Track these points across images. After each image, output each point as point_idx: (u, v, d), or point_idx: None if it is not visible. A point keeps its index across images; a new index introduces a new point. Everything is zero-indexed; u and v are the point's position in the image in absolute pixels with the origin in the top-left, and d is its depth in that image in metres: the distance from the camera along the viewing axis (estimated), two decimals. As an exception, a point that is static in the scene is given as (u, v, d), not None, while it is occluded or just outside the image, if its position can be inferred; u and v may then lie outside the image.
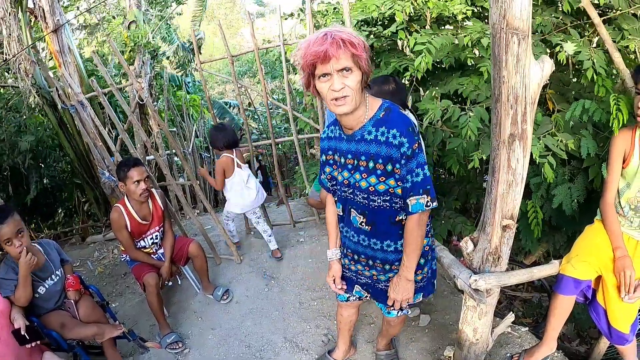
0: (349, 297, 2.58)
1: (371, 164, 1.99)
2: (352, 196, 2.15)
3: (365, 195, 2.08)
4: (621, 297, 2.27)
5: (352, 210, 2.19)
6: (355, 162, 2.05)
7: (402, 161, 1.90)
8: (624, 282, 2.24)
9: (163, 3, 10.62)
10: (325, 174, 2.28)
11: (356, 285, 2.47)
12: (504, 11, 1.77)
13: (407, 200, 1.96)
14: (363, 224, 2.18)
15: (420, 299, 2.33)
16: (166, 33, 11.45)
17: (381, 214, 2.09)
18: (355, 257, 2.32)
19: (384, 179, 1.98)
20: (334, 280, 2.49)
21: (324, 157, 2.25)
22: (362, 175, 2.04)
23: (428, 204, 1.94)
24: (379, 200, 2.05)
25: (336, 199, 2.32)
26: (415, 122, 2.95)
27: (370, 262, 2.27)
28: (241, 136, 13.58)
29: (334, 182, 2.25)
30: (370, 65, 1.87)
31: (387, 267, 2.24)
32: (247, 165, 4.42)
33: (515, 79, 1.85)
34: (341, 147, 2.12)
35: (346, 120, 1.98)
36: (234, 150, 4.29)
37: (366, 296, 2.47)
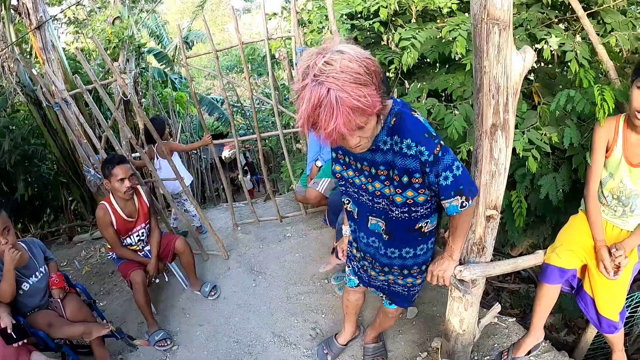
0: (359, 283, 2.61)
1: (390, 173, 1.90)
2: (370, 203, 2.07)
3: (386, 204, 2.01)
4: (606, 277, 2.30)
5: (370, 217, 2.12)
6: (374, 170, 1.94)
7: (426, 169, 1.78)
8: (604, 269, 2.28)
9: None
10: (336, 172, 2.18)
11: (370, 287, 2.51)
12: (484, 1, 1.76)
13: (442, 203, 1.90)
14: (383, 231, 2.12)
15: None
16: (155, 27, 11.38)
17: (400, 224, 2.03)
18: (370, 261, 2.32)
19: (400, 191, 1.91)
20: (343, 251, 2.66)
21: (334, 154, 2.15)
22: (384, 183, 1.94)
23: (463, 205, 1.86)
24: (397, 212, 1.99)
25: (348, 198, 2.24)
26: None
27: (387, 269, 2.26)
28: (228, 132, 13.58)
29: (344, 182, 2.18)
30: (381, 87, 1.59)
31: (406, 272, 2.24)
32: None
33: (497, 69, 1.85)
34: (356, 152, 1.92)
35: None
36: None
37: (381, 296, 2.51)
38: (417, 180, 1.85)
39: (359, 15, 3.75)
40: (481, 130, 1.98)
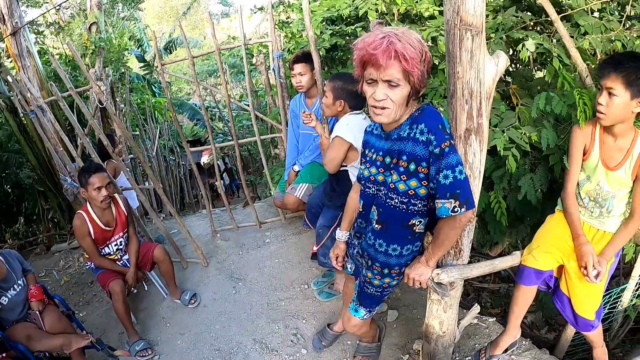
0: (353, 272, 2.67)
1: (396, 161, 1.98)
2: (374, 192, 2.17)
3: (385, 192, 2.07)
4: (587, 280, 2.32)
5: (372, 206, 2.19)
6: (386, 159, 2.05)
7: (431, 159, 1.85)
8: (586, 269, 2.29)
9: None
10: (361, 170, 2.29)
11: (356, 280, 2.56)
12: (457, 7, 1.77)
13: (436, 203, 1.91)
14: (376, 220, 2.17)
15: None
16: (136, 31, 11.29)
17: (395, 215, 2.07)
18: (361, 251, 2.37)
19: (405, 178, 1.96)
20: (337, 257, 2.68)
21: (362, 150, 2.30)
22: (389, 172, 2.02)
23: (455, 210, 1.85)
24: (396, 200, 2.03)
25: (361, 198, 2.31)
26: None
27: (369, 263, 2.29)
28: (206, 138, 13.52)
29: (364, 182, 2.24)
30: (425, 79, 1.85)
31: (386, 271, 2.25)
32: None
33: (470, 74, 1.86)
34: (378, 144, 2.14)
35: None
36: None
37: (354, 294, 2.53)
38: (422, 170, 1.90)
39: (340, 21, 3.77)
40: (455, 135, 1.99)
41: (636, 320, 3.11)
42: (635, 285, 2.90)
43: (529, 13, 3.27)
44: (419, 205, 2.02)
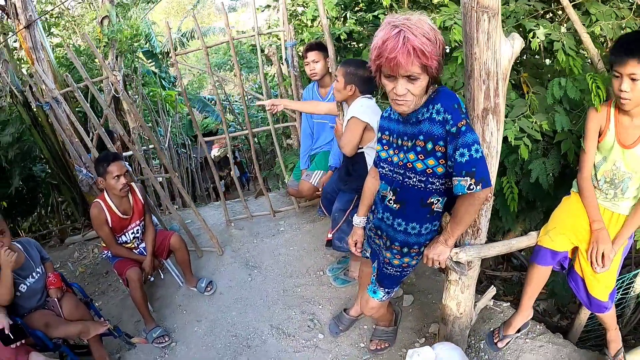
0: (368, 256, 2.70)
1: (413, 142, 2.02)
2: (390, 174, 2.21)
3: (402, 172, 2.12)
4: (593, 268, 2.35)
5: (390, 187, 2.23)
6: (404, 141, 2.09)
7: (448, 138, 1.89)
8: (595, 257, 2.32)
9: None
10: (378, 151, 2.32)
11: (373, 263, 2.59)
12: (474, -10, 1.81)
13: (453, 180, 1.94)
14: (391, 201, 2.21)
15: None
16: (144, 26, 11.34)
17: (414, 193, 2.11)
18: (379, 232, 2.40)
19: (423, 157, 2.01)
20: (356, 243, 2.72)
21: (379, 134, 2.32)
22: (407, 153, 2.07)
23: (471, 187, 1.87)
24: (414, 179, 2.08)
25: (381, 179, 2.35)
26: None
27: (388, 243, 2.32)
28: (217, 129, 13.60)
29: (381, 163, 2.29)
30: (441, 65, 1.89)
31: (406, 250, 2.28)
32: None
33: (487, 55, 1.89)
34: (396, 128, 2.17)
35: None
36: None
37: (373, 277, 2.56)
38: (440, 149, 1.95)
39: (357, 9, 3.78)
40: (473, 115, 2.02)
41: (649, 307, 3.12)
42: (648, 272, 2.91)
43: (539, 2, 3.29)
44: (437, 183, 2.05)
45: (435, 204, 2.12)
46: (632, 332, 3.32)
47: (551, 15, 3.32)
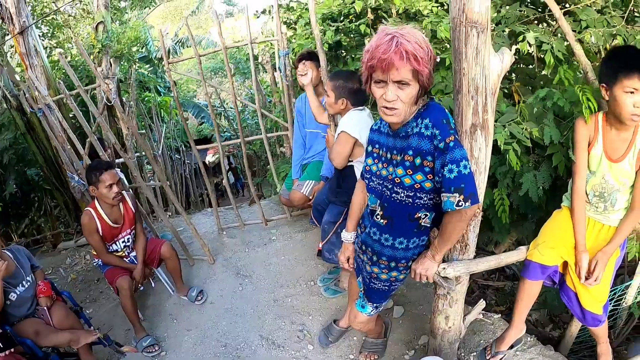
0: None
1: (402, 157, 2.01)
2: (380, 187, 2.19)
3: (390, 186, 2.09)
4: (581, 282, 2.35)
5: (378, 202, 2.22)
6: (393, 156, 2.08)
7: (436, 153, 1.89)
8: (581, 274, 2.33)
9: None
10: (367, 164, 2.30)
11: (358, 277, 2.58)
12: (463, 5, 1.79)
13: (441, 196, 1.94)
14: (379, 216, 2.20)
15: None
16: (141, 31, 11.33)
17: (402, 208, 2.10)
18: (364, 247, 2.39)
19: (411, 172, 1.99)
20: (348, 259, 2.67)
21: (369, 148, 2.30)
22: (396, 167, 2.05)
23: (460, 204, 1.88)
24: (402, 194, 2.06)
25: (368, 192, 2.33)
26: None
27: (375, 258, 2.31)
28: (212, 135, 13.55)
29: (369, 176, 2.27)
30: (432, 77, 1.89)
31: (393, 264, 2.27)
32: None
33: (475, 71, 1.88)
34: (385, 142, 2.16)
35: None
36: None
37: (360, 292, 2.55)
38: (428, 164, 1.94)
39: (342, 19, 3.79)
40: (461, 130, 2.01)
41: (641, 318, 3.11)
42: (640, 282, 2.90)
43: (532, 7, 3.28)
44: (425, 198, 2.04)
45: (423, 218, 2.11)
46: (624, 343, 3.30)
47: (545, 25, 3.31)
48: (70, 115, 6.22)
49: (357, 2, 3.51)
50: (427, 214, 2.10)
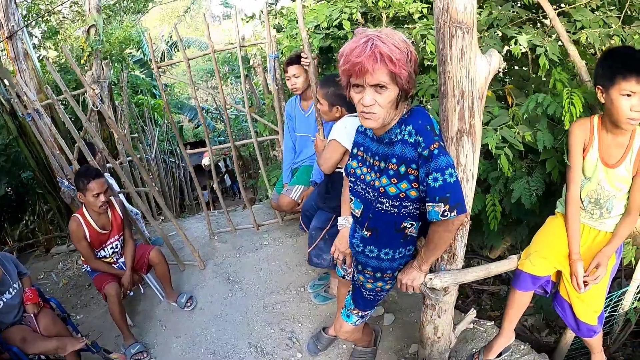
0: (345, 275, 2.62)
1: (386, 164, 1.93)
2: (362, 192, 2.11)
3: (375, 195, 2.01)
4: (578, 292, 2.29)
5: (362, 210, 2.14)
6: (376, 162, 2.00)
7: (420, 161, 1.81)
8: (576, 282, 2.28)
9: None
10: (351, 167, 2.22)
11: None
12: (446, 4, 1.72)
13: (426, 206, 1.86)
14: (365, 228, 2.12)
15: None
16: (135, 34, 11.29)
17: (386, 219, 2.01)
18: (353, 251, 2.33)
19: (396, 180, 1.90)
20: (345, 259, 2.55)
21: (354, 150, 2.22)
22: (379, 175, 1.97)
23: (445, 214, 1.79)
24: (387, 204, 1.97)
25: (352, 197, 2.23)
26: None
27: (360, 267, 2.25)
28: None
29: (354, 179, 2.19)
30: (413, 80, 1.79)
31: (379, 275, 2.20)
32: None
33: (461, 74, 1.81)
34: (369, 146, 2.08)
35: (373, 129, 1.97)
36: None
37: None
38: (412, 172, 1.85)
39: (333, 25, 3.73)
40: (447, 136, 1.94)
41: (637, 324, 3.06)
42: (637, 288, 2.85)
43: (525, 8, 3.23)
44: (411, 207, 1.96)
45: (409, 228, 2.04)
46: (620, 349, 3.26)
47: (538, 26, 3.25)
48: (63, 120, 6.17)
49: (344, 21, 3.48)
50: (414, 223, 2.03)
